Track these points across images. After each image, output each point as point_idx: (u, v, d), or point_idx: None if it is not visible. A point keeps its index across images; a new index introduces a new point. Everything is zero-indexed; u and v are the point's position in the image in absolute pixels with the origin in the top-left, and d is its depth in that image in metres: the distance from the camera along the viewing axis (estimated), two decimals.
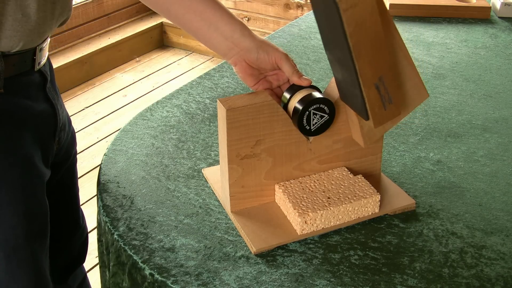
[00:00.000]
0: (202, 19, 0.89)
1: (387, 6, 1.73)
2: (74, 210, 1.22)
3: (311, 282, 0.79)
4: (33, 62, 0.93)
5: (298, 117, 0.85)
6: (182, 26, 0.92)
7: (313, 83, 0.89)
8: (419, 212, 0.92)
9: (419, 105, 0.88)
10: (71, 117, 1.15)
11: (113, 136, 2.38)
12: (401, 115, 0.89)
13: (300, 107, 0.85)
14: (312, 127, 0.87)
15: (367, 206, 0.88)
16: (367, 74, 0.80)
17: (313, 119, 0.86)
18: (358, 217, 0.89)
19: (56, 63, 3.17)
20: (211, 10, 0.88)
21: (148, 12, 3.78)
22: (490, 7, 1.71)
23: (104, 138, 2.78)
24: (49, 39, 0.98)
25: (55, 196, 1.09)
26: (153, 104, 1.22)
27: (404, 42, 0.85)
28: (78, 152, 1.26)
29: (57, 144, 1.03)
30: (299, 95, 0.86)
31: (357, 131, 0.90)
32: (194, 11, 0.89)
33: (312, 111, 0.85)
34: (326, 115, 0.87)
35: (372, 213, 0.90)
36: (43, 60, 0.96)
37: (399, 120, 0.89)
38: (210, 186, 0.97)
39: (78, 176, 1.23)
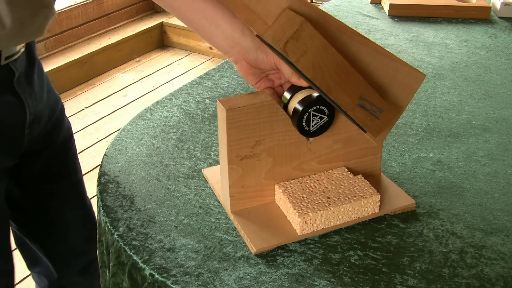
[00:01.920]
0: (203, 17, 0.89)
1: (387, 6, 1.73)
2: (79, 198, 1.24)
3: (311, 282, 0.79)
4: None
5: (297, 118, 0.85)
6: (185, 22, 0.92)
7: None
8: (419, 212, 0.92)
9: (419, 87, 0.89)
10: (71, 117, 1.16)
11: (113, 136, 2.38)
12: (402, 106, 0.89)
13: (300, 108, 0.85)
14: (311, 128, 0.87)
15: (367, 206, 0.88)
16: (345, 101, 0.83)
17: (313, 120, 0.86)
18: (358, 217, 0.89)
19: (56, 63, 3.17)
20: (213, 8, 0.88)
21: (148, 12, 3.78)
22: (490, 7, 1.71)
23: (104, 138, 2.78)
24: None
25: (49, 185, 1.12)
26: (153, 104, 1.22)
27: (404, 42, 0.85)
28: (78, 152, 1.26)
29: (28, 136, 1.05)
30: (300, 96, 0.86)
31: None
32: (196, 9, 0.89)
33: (312, 112, 0.85)
34: (326, 117, 0.87)
35: (372, 213, 0.90)
36: (16, 56, 0.97)
37: (402, 111, 0.90)
38: (210, 186, 0.97)
39: None
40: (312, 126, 0.87)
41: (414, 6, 1.72)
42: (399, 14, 1.73)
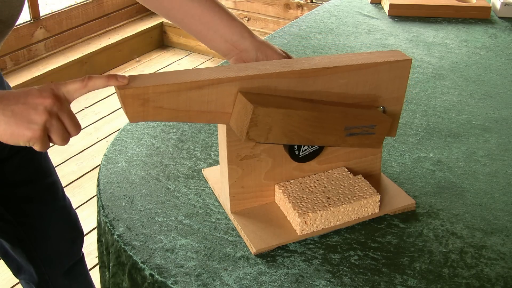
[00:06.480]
0: (201, 23, 0.89)
1: (387, 6, 1.73)
2: (57, 200, 1.22)
3: (311, 282, 0.79)
4: None
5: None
6: (183, 29, 0.92)
7: None
8: (419, 212, 0.92)
9: (410, 72, 0.89)
10: None
11: (113, 136, 2.38)
12: (401, 96, 0.90)
13: None
14: (300, 154, 0.87)
15: (367, 206, 0.88)
16: (332, 140, 0.84)
17: (303, 145, 0.86)
18: (358, 217, 0.89)
19: (56, 63, 3.17)
20: (210, 13, 0.88)
21: (148, 12, 3.78)
22: (490, 7, 1.71)
23: (104, 138, 2.78)
24: None
25: (24, 189, 1.13)
26: None
27: (404, 42, 0.85)
28: (78, 152, 1.26)
29: None
30: None
31: None
32: (192, 15, 0.89)
33: None
34: (316, 145, 0.87)
35: (372, 213, 0.90)
36: None
37: (402, 100, 0.90)
38: (210, 187, 0.97)
39: (78, 176, 1.24)
40: (302, 152, 0.87)
41: (414, 6, 1.72)
42: (399, 14, 1.73)
